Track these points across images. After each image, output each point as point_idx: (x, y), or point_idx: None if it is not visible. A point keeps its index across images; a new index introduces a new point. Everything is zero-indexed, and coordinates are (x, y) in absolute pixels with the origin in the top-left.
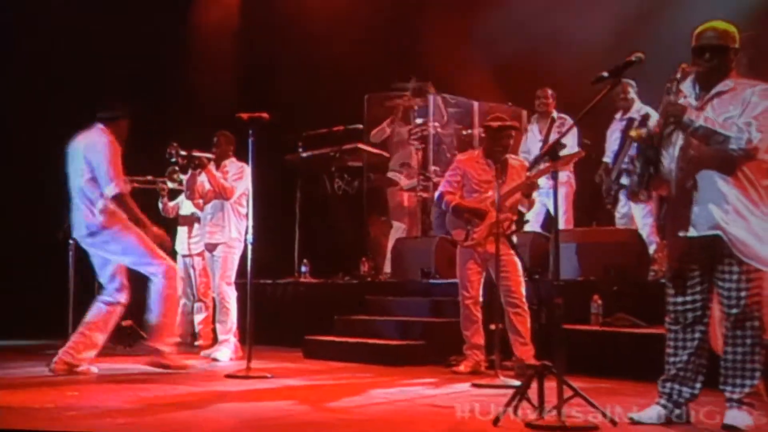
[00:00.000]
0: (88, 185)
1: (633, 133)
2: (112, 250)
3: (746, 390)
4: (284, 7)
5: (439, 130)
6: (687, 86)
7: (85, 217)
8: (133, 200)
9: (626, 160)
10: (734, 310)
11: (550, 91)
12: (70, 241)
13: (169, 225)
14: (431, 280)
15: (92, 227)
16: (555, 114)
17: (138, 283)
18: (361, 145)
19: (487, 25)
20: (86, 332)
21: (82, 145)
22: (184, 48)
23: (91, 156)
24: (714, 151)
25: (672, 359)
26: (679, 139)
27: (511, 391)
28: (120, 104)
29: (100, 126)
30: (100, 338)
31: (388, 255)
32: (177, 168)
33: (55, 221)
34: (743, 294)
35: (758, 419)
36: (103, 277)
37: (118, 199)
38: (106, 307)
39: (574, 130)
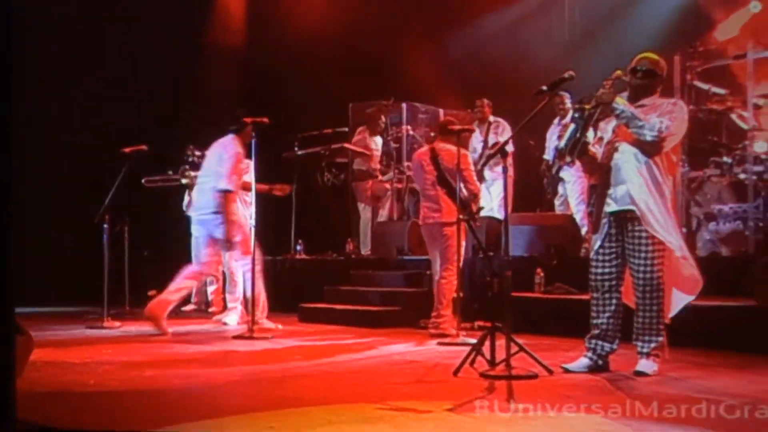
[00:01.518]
0: (215, 178)
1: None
2: (219, 233)
3: (653, 345)
4: (284, 28)
5: (410, 132)
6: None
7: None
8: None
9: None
10: (643, 282)
11: (486, 101)
12: (105, 225)
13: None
14: (405, 257)
15: (214, 209)
16: (491, 118)
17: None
18: (346, 145)
19: (452, 47)
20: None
21: (219, 148)
22: (198, 63)
23: (223, 157)
24: (634, 141)
25: (595, 321)
26: (608, 133)
27: (468, 348)
28: (243, 117)
29: (231, 136)
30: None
31: (363, 233)
32: (188, 167)
33: (93, 208)
34: (650, 268)
35: (661, 366)
36: (198, 252)
37: (223, 193)
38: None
39: (509, 132)
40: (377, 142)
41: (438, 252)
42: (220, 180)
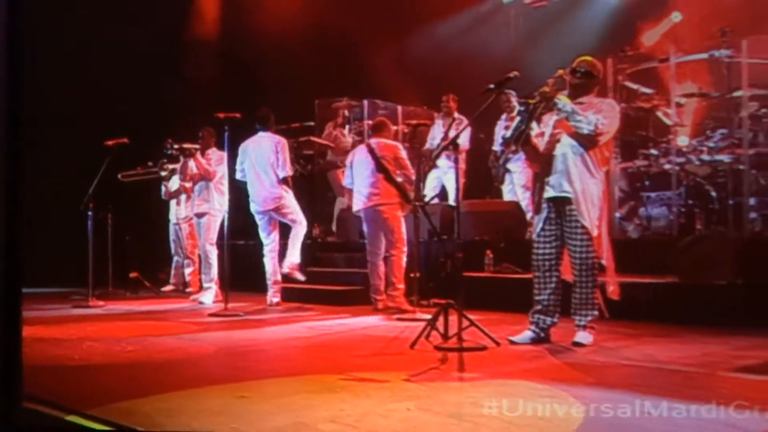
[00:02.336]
0: (272, 170)
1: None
2: (284, 213)
3: (589, 318)
4: (256, 27)
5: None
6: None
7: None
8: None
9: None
10: (579, 261)
11: (452, 96)
12: (90, 212)
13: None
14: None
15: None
16: (456, 114)
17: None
18: (312, 138)
19: (411, 48)
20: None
21: (267, 143)
22: (176, 61)
23: (278, 150)
24: (572, 135)
25: (538, 297)
26: (549, 126)
27: (424, 323)
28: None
29: (268, 132)
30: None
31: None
32: (166, 160)
33: (79, 196)
34: (585, 250)
35: (596, 337)
36: (266, 234)
37: (286, 179)
38: (272, 254)
39: (467, 129)
40: (345, 134)
41: (382, 233)
42: (282, 170)
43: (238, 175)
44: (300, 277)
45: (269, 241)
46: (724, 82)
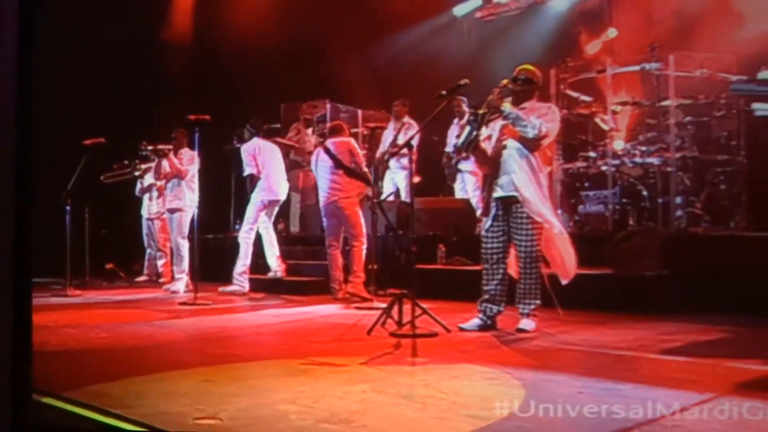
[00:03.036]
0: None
1: (470, 112)
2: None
3: (532, 306)
4: (228, 35)
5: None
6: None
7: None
8: None
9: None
10: (524, 254)
11: (402, 101)
12: (68, 207)
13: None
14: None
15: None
16: (405, 119)
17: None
18: (278, 139)
19: (371, 56)
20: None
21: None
22: (151, 64)
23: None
24: (517, 138)
25: (485, 287)
26: (496, 131)
27: (380, 312)
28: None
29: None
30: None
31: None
32: (138, 161)
33: (58, 192)
34: (530, 244)
35: (538, 324)
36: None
37: None
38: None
39: (415, 130)
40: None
41: (342, 227)
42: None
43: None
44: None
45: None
46: (654, 92)
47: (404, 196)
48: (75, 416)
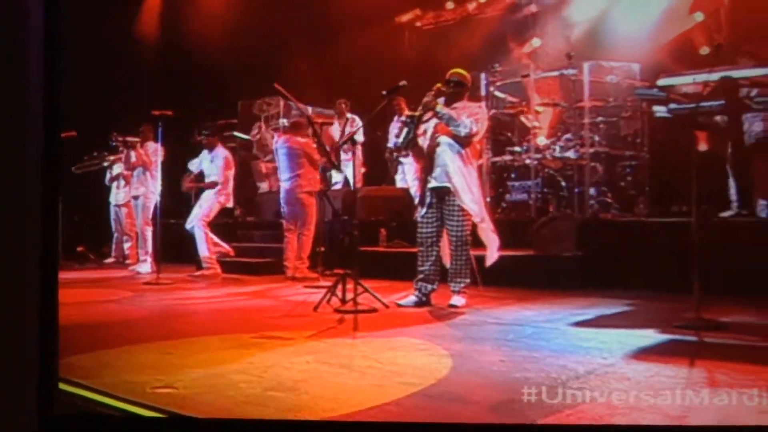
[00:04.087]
0: None
1: (406, 114)
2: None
3: (462, 285)
4: (194, 36)
5: (286, 124)
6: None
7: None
8: None
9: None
10: (455, 238)
11: (343, 101)
12: None
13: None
14: (281, 220)
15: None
16: (348, 115)
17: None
18: (236, 133)
19: (323, 57)
20: None
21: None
22: (117, 63)
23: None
24: (450, 135)
25: (421, 268)
26: (430, 129)
27: (326, 290)
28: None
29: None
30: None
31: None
32: (107, 153)
33: None
34: (460, 229)
35: (468, 300)
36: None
37: None
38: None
39: (358, 125)
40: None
41: (298, 213)
42: None
43: None
44: None
45: None
46: (571, 95)
47: (351, 183)
48: (95, 402)
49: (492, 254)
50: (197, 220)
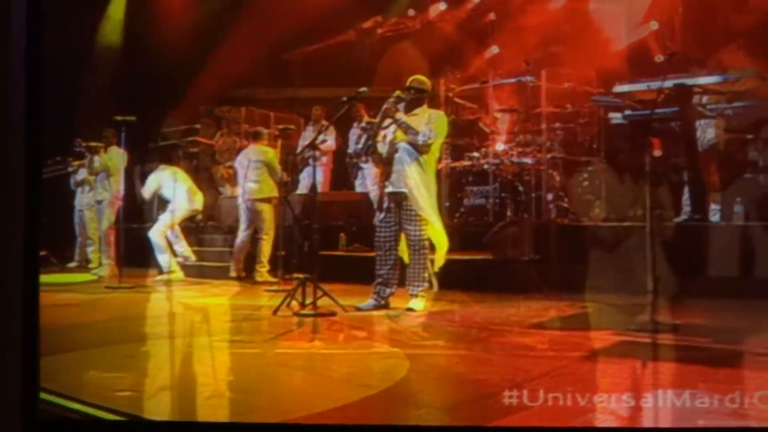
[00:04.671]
0: None
1: (366, 121)
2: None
3: (420, 288)
4: (156, 42)
5: (248, 130)
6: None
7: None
8: None
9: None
10: (413, 242)
11: (320, 108)
12: None
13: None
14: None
15: None
16: (323, 122)
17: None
18: (198, 138)
19: (285, 62)
20: None
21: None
22: (81, 70)
23: None
24: (408, 142)
25: (379, 271)
26: (389, 135)
27: (286, 293)
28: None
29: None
30: None
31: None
32: (71, 158)
33: None
34: (418, 234)
35: (425, 303)
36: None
37: None
38: None
39: (333, 134)
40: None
41: (254, 219)
42: None
43: None
44: None
45: None
46: (529, 101)
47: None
48: (58, 406)
49: (438, 259)
50: (163, 225)
